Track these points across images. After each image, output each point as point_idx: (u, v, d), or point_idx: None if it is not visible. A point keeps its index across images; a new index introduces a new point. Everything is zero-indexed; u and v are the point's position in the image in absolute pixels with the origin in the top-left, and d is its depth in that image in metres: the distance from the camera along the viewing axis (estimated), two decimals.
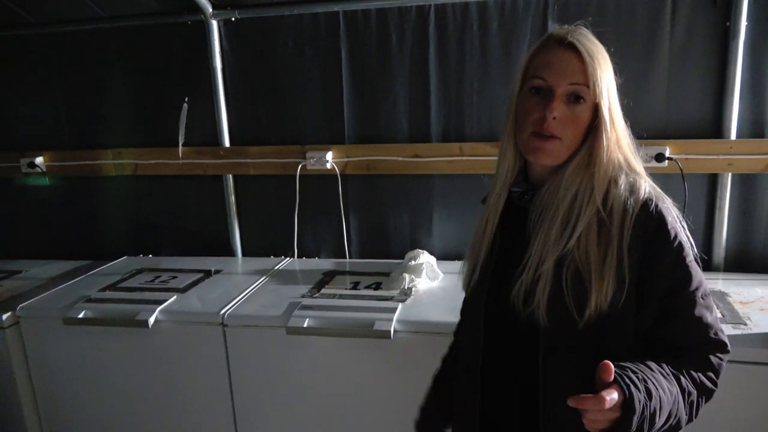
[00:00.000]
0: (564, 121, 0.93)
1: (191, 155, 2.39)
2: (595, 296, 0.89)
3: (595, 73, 0.91)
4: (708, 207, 2.02)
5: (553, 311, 0.92)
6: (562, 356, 0.94)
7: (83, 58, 2.41)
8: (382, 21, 2.13)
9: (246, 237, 2.48)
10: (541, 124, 0.93)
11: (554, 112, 0.92)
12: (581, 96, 0.93)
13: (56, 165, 2.52)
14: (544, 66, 0.94)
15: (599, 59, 0.93)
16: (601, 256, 0.90)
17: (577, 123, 0.94)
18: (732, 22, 1.87)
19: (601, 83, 0.92)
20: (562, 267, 0.92)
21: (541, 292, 0.92)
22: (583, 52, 0.92)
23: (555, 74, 0.93)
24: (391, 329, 1.66)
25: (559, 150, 0.95)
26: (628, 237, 0.90)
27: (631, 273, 0.91)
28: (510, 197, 1.04)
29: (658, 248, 0.92)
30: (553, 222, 0.94)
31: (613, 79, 0.95)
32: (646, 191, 0.94)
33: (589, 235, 0.92)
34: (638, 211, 0.92)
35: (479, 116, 2.13)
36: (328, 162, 2.25)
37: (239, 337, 1.81)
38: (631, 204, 0.92)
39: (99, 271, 2.33)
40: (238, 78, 2.32)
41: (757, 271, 2.00)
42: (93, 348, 1.93)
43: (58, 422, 2.04)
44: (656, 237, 0.92)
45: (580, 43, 0.92)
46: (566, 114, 0.93)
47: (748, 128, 1.94)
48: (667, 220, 0.92)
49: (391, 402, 1.75)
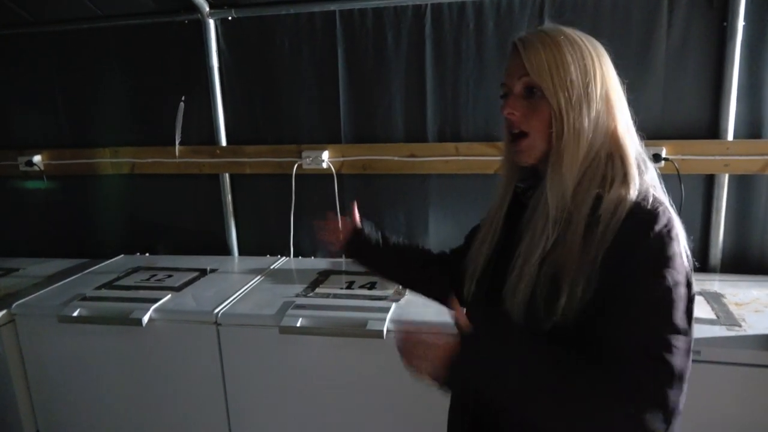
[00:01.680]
0: (526, 114, 0.94)
1: (188, 154, 2.39)
2: (565, 301, 0.86)
3: (531, 59, 0.91)
4: (704, 208, 2.01)
5: (527, 311, 0.91)
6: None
7: (81, 57, 2.42)
8: (378, 20, 2.13)
9: (242, 236, 2.48)
10: (509, 125, 0.96)
11: (508, 108, 0.95)
12: (533, 86, 0.92)
13: (54, 163, 2.53)
14: (505, 73, 0.97)
15: (537, 46, 0.91)
16: (578, 261, 0.87)
17: (538, 113, 0.92)
18: (729, 23, 1.86)
19: (539, 66, 0.91)
20: (542, 266, 0.90)
21: (521, 290, 0.91)
22: (519, 45, 0.93)
23: (508, 75, 0.96)
24: (384, 329, 1.66)
25: (531, 145, 0.94)
26: (608, 243, 0.85)
27: (601, 281, 0.85)
28: (515, 193, 1.05)
29: (630, 255, 0.85)
30: (540, 220, 0.93)
31: (576, 63, 0.91)
32: (642, 198, 0.88)
33: (574, 238, 0.88)
34: (622, 221, 0.86)
35: (475, 116, 2.13)
36: (325, 161, 2.25)
37: (233, 336, 1.81)
38: (618, 213, 0.86)
39: (95, 269, 2.33)
40: (235, 77, 2.32)
41: (753, 272, 1.99)
42: (88, 346, 1.93)
43: (53, 420, 2.05)
44: (634, 245, 0.85)
45: (520, 40, 0.94)
46: (526, 108, 0.94)
47: (745, 129, 1.93)
48: (654, 229, 0.85)
49: (383, 401, 1.75)
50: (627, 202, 0.88)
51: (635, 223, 0.86)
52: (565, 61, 0.91)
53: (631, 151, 0.95)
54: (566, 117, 0.91)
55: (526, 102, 0.94)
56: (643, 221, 0.86)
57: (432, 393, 1.15)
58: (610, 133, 0.94)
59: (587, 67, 0.92)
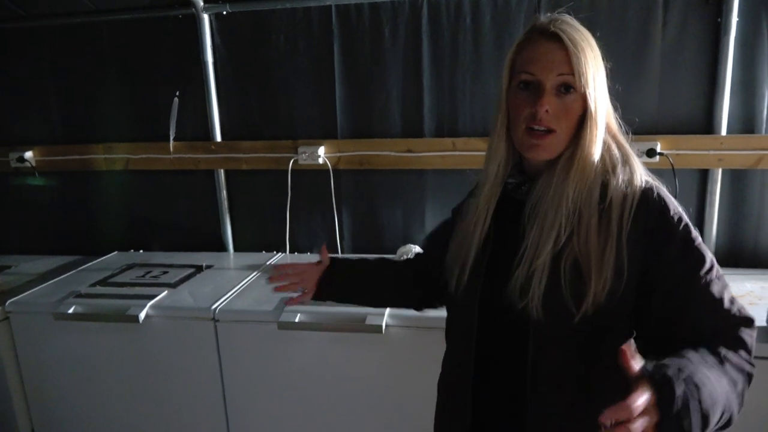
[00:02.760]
0: (557, 113, 0.92)
1: (183, 150, 2.38)
2: (594, 289, 0.88)
3: (580, 61, 0.90)
4: (698, 202, 2.03)
5: (548, 304, 0.91)
6: (552, 351, 0.93)
7: (74, 52, 2.39)
8: (374, 15, 2.13)
9: (238, 232, 2.47)
10: (534, 118, 0.92)
11: (545, 105, 0.91)
12: (571, 86, 0.92)
13: (46, 160, 2.50)
14: (531, 60, 0.93)
15: (583, 47, 0.91)
16: (600, 249, 0.89)
17: (569, 114, 0.93)
18: (723, 19, 1.87)
19: (587, 71, 0.91)
20: (560, 260, 0.91)
21: (536, 284, 0.91)
22: (567, 41, 0.90)
23: (542, 68, 0.92)
24: (383, 324, 1.66)
25: (555, 143, 0.94)
26: (628, 229, 0.89)
27: (631, 265, 0.89)
28: (505, 189, 1.03)
29: (664, 237, 0.90)
30: (550, 214, 0.93)
31: (600, 65, 0.94)
32: (644, 181, 0.93)
33: (589, 227, 0.90)
34: (638, 203, 0.90)
35: (472, 111, 2.13)
36: (321, 157, 2.24)
37: (230, 332, 1.81)
38: (630, 195, 0.91)
39: (89, 266, 2.31)
40: (230, 72, 2.31)
41: (747, 266, 2.02)
42: (83, 343, 1.92)
43: (48, 417, 2.03)
44: (661, 226, 0.90)
45: (563, 32, 0.91)
46: (558, 106, 0.92)
47: (739, 124, 1.95)
48: (669, 207, 0.91)
49: (382, 396, 1.75)
50: (636, 185, 0.92)
51: (652, 206, 0.91)
52: (598, 64, 0.94)
53: (624, 137, 0.99)
54: (600, 122, 0.93)
55: (556, 99, 0.92)
56: (658, 202, 0.91)
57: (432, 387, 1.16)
58: (606, 123, 0.97)
59: (602, 65, 0.95)
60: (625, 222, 0.90)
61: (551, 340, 0.93)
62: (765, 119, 1.92)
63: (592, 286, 0.88)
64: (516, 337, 0.96)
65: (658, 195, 0.92)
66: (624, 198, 0.91)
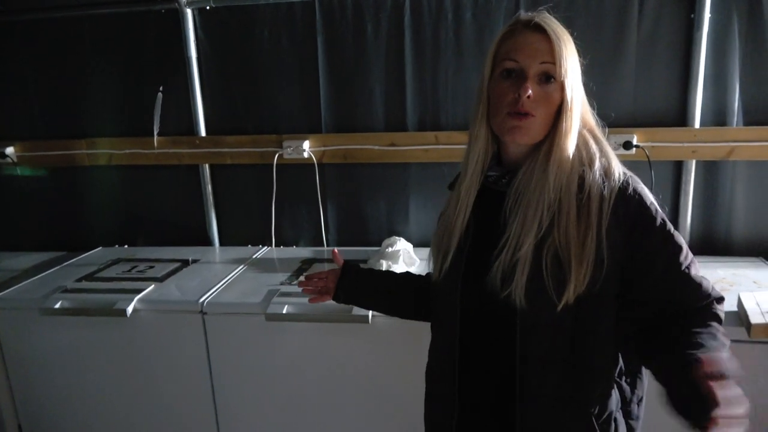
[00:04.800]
0: (537, 100, 0.96)
1: (167, 145, 2.38)
2: (574, 279, 0.92)
3: (562, 52, 0.95)
4: (673, 193, 2.09)
5: (531, 294, 0.94)
6: (539, 336, 0.97)
7: (55, 46, 2.37)
8: (357, 11, 2.15)
9: (223, 226, 2.48)
10: (516, 104, 0.96)
11: (528, 90, 0.95)
12: (551, 75, 0.96)
13: (28, 155, 2.48)
14: (515, 49, 0.97)
15: (565, 40, 0.97)
16: (581, 240, 0.93)
17: (548, 101, 0.97)
18: (696, 14, 1.93)
19: (567, 63, 0.96)
20: (542, 250, 0.94)
21: (519, 274, 0.94)
22: (551, 32, 0.96)
23: (526, 55, 0.96)
24: (369, 314, 1.69)
25: (534, 127, 0.98)
26: (607, 220, 0.94)
27: (611, 255, 0.94)
28: (485, 182, 1.06)
29: (644, 227, 0.96)
30: (531, 205, 0.96)
31: (576, 61, 0.99)
32: (621, 173, 0.98)
33: (569, 218, 0.94)
34: (616, 194, 0.95)
35: (455, 105, 2.17)
36: (305, 151, 2.26)
37: (218, 324, 1.82)
38: (608, 188, 0.95)
39: (74, 262, 2.31)
40: (214, 67, 2.31)
41: (719, 253, 2.09)
42: (70, 339, 1.92)
43: (35, 414, 2.03)
44: (639, 218, 0.96)
45: (547, 25, 0.96)
46: (539, 93, 0.96)
47: (711, 117, 2.01)
48: (646, 200, 0.97)
49: (369, 386, 1.79)
50: (613, 177, 0.96)
51: (630, 197, 0.96)
52: (576, 57, 0.99)
53: (599, 132, 1.04)
54: (576, 111, 0.98)
55: (538, 86, 0.97)
56: (635, 193, 0.97)
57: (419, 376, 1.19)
58: (583, 117, 1.02)
59: (578, 62, 1.00)
60: (604, 213, 0.94)
61: (537, 326, 0.97)
62: (736, 112, 1.99)
63: (572, 277, 0.92)
64: (499, 324, 1.00)
65: (634, 188, 0.97)
66: (602, 190, 0.95)
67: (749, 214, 2.06)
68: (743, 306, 1.54)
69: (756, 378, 1.50)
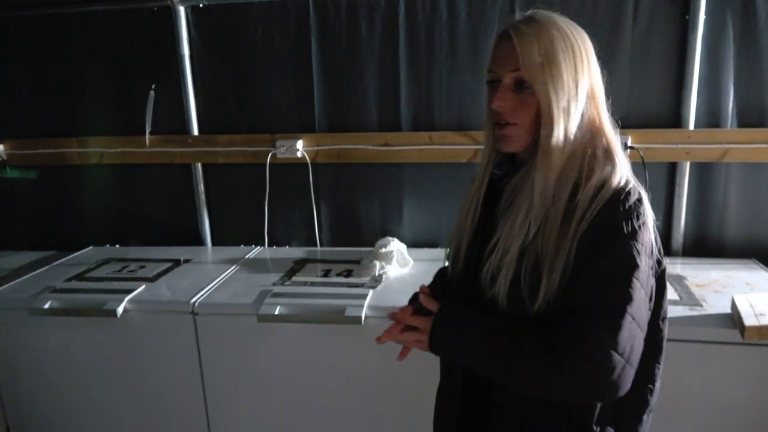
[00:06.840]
0: (515, 107, 0.95)
1: (159, 144, 2.36)
2: (545, 286, 0.91)
3: (525, 57, 0.91)
4: (667, 195, 2.10)
5: (511, 297, 0.95)
6: None
7: (46, 44, 2.35)
8: (351, 10, 2.13)
9: (215, 226, 2.47)
10: (498, 114, 0.97)
11: (497, 102, 0.95)
12: (523, 81, 0.93)
13: (18, 153, 2.46)
14: (493, 58, 0.98)
15: (531, 42, 0.92)
16: (555, 252, 0.91)
17: (525, 108, 0.94)
18: (691, 16, 1.93)
19: (534, 67, 0.91)
20: (524, 256, 0.94)
21: (503, 278, 0.95)
22: (514, 38, 0.92)
23: (500, 65, 0.95)
24: (362, 315, 1.68)
25: (518, 134, 0.96)
26: (582, 231, 0.89)
27: (576, 262, 0.89)
28: (492, 178, 1.07)
29: (605, 240, 0.89)
30: (521, 211, 0.95)
31: (564, 60, 0.93)
32: (623, 183, 0.92)
33: (552, 228, 0.92)
34: (603, 205, 0.90)
35: (449, 105, 2.16)
36: (299, 151, 2.25)
37: (210, 325, 1.81)
38: (599, 198, 0.90)
39: (64, 261, 2.29)
40: (207, 66, 2.29)
41: (713, 255, 2.09)
42: (60, 339, 1.90)
43: (24, 415, 2.01)
44: (606, 229, 0.89)
45: (514, 29, 0.93)
46: (515, 100, 0.94)
47: (705, 118, 2.01)
48: (626, 217, 0.89)
49: (362, 387, 1.78)
50: (609, 187, 0.91)
51: (609, 207, 0.90)
52: (557, 60, 0.92)
53: (616, 141, 0.99)
54: (555, 115, 0.92)
55: (514, 95, 0.95)
56: (615, 202, 0.90)
57: (411, 378, 1.19)
58: (594, 127, 0.97)
59: (577, 66, 0.94)
60: (583, 224, 0.89)
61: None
62: (730, 114, 1.99)
63: (543, 286, 0.91)
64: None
65: (623, 202, 0.90)
66: (591, 200, 0.90)
67: (743, 215, 2.06)
68: (737, 308, 1.54)
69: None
